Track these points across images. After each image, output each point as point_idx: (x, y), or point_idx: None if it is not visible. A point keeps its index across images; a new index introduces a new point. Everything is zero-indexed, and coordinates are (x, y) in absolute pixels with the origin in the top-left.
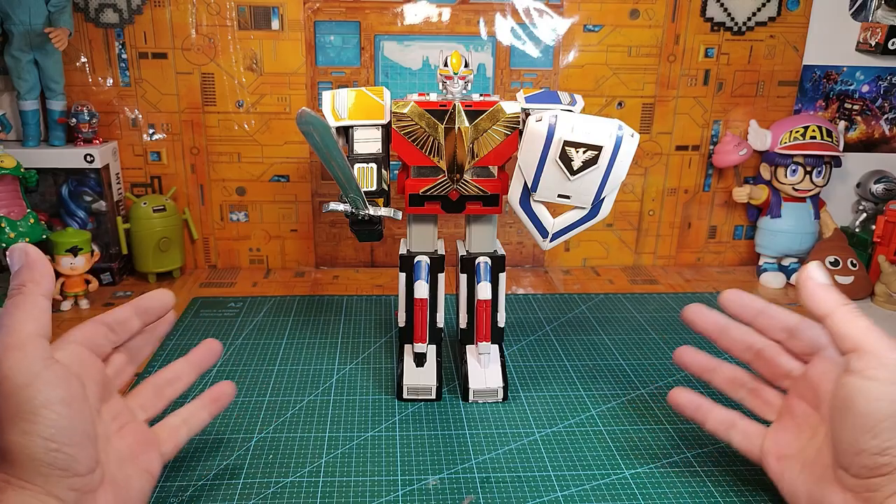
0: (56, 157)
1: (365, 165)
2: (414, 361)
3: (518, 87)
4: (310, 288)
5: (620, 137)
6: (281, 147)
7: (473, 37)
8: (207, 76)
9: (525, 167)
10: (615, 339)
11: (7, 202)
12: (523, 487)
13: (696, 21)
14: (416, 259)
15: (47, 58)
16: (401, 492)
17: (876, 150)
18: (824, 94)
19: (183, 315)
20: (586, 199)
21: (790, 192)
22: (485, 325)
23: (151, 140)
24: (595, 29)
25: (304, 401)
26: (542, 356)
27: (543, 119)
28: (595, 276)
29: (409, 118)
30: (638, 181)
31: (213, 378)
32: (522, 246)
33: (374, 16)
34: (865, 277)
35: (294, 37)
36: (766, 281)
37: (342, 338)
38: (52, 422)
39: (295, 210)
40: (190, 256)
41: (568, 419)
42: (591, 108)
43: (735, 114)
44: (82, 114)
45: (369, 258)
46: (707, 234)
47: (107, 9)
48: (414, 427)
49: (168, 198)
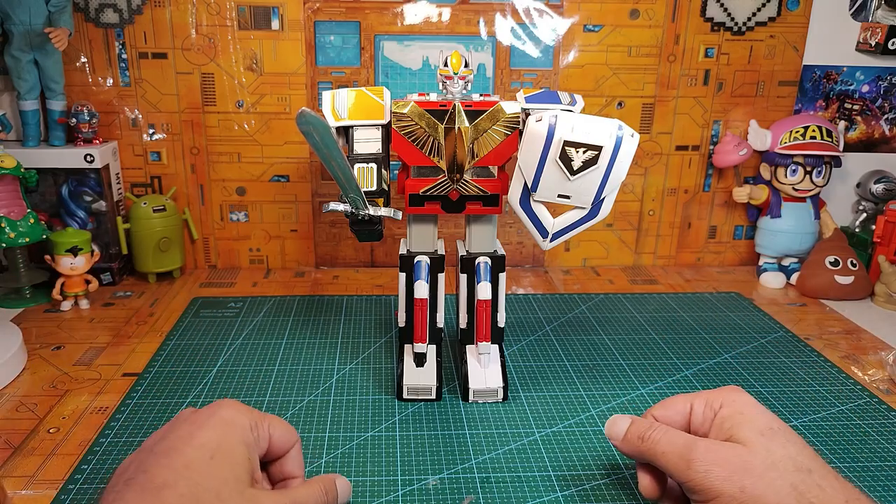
0: (56, 157)
1: (365, 165)
2: (414, 361)
3: (518, 87)
4: (310, 288)
5: (620, 137)
6: (281, 147)
7: (473, 37)
8: (207, 76)
9: (525, 167)
10: (615, 339)
11: (7, 202)
12: (523, 487)
13: (696, 21)
14: (416, 259)
15: (47, 58)
16: (401, 492)
17: (876, 150)
18: (824, 94)
19: (183, 315)
20: (586, 199)
21: (790, 192)
22: (485, 325)
23: (151, 140)
24: (595, 29)
25: (304, 401)
26: (542, 356)
27: (543, 119)
28: (595, 276)
29: (409, 118)
30: (638, 181)
31: (214, 378)
32: (522, 246)
33: (374, 16)
34: (865, 277)
35: (294, 37)
36: (766, 281)
37: (342, 338)
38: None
39: (295, 210)
40: (190, 256)
41: (568, 419)
42: (591, 108)
43: (735, 114)
44: (82, 114)
45: (369, 258)
46: (707, 234)
47: (107, 9)
48: (414, 427)
49: (168, 198)
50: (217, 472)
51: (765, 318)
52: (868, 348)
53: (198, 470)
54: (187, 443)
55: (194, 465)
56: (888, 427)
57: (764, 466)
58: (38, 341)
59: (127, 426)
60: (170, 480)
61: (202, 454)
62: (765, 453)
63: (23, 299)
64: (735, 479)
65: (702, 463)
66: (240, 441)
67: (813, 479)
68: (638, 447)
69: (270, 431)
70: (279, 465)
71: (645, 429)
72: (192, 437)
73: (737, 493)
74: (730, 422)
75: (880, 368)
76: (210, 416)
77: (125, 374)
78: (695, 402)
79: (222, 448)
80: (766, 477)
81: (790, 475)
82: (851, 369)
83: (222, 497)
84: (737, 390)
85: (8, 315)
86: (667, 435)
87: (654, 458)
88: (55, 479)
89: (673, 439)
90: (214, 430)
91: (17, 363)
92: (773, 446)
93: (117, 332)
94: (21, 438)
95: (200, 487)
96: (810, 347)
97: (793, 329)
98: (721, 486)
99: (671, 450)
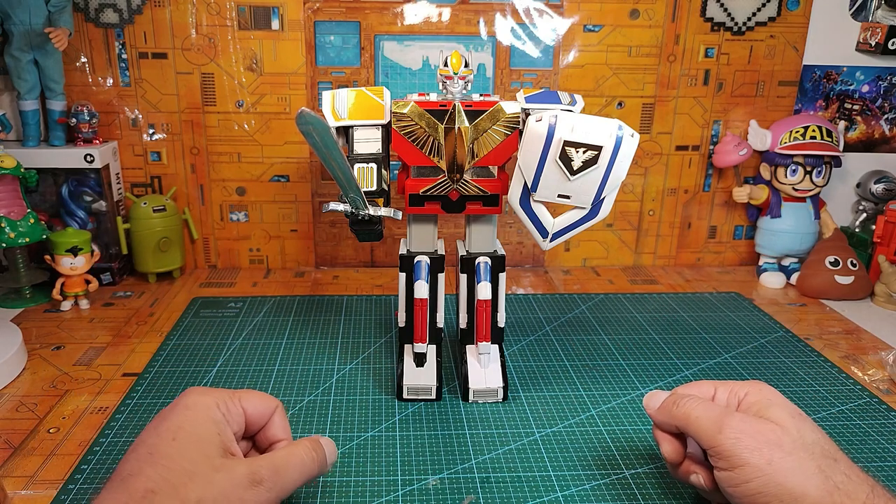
0: (56, 157)
1: (365, 165)
2: (414, 361)
3: (518, 87)
4: (310, 288)
5: (620, 137)
6: (281, 147)
7: (473, 37)
8: (207, 76)
9: (525, 167)
10: (615, 339)
11: (7, 202)
12: (523, 487)
13: (696, 21)
14: (416, 259)
15: (47, 58)
16: (401, 492)
17: (876, 150)
18: (824, 94)
19: (183, 315)
20: (586, 199)
21: (790, 192)
22: (485, 325)
23: (151, 140)
24: (595, 29)
25: (304, 401)
26: (542, 356)
27: (543, 119)
28: (595, 276)
29: (409, 118)
30: (638, 181)
31: (214, 378)
32: (522, 246)
33: (374, 16)
34: (865, 277)
35: (294, 37)
36: (766, 281)
37: (342, 338)
38: None
39: (295, 210)
40: (190, 256)
41: (568, 419)
42: (591, 108)
43: (735, 114)
44: (82, 114)
45: (369, 258)
46: (707, 234)
47: (107, 9)
48: (414, 427)
49: (168, 198)
50: (183, 452)
51: (765, 318)
52: (868, 348)
53: (162, 453)
54: (152, 433)
55: (157, 449)
56: (888, 427)
57: (794, 445)
58: (38, 341)
59: (127, 426)
60: (134, 469)
61: (164, 438)
62: (796, 433)
63: (23, 299)
64: (764, 452)
65: (733, 430)
66: (205, 419)
67: (839, 467)
68: (671, 412)
69: (244, 405)
70: (263, 433)
71: (680, 397)
72: (157, 427)
73: (764, 465)
74: (758, 405)
75: (880, 368)
76: (174, 406)
77: (125, 374)
78: (719, 389)
79: (184, 429)
80: (795, 455)
81: (818, 458)
82: (851, 369)
83: (192, 473)
84: (762, 384)
85: (8, 315)
86: (703, 403)
87: (687, 422)
88: (55, 479)
89: (709, 406)
90: (177, 415)
91: (17, 363)
92: (805, 429)
93: (117, 332)
94: (21, 438)
95: (167, 469)
96: (810, 347)
97: (793, 329)
98: (748, 456)
99: (705, 415)
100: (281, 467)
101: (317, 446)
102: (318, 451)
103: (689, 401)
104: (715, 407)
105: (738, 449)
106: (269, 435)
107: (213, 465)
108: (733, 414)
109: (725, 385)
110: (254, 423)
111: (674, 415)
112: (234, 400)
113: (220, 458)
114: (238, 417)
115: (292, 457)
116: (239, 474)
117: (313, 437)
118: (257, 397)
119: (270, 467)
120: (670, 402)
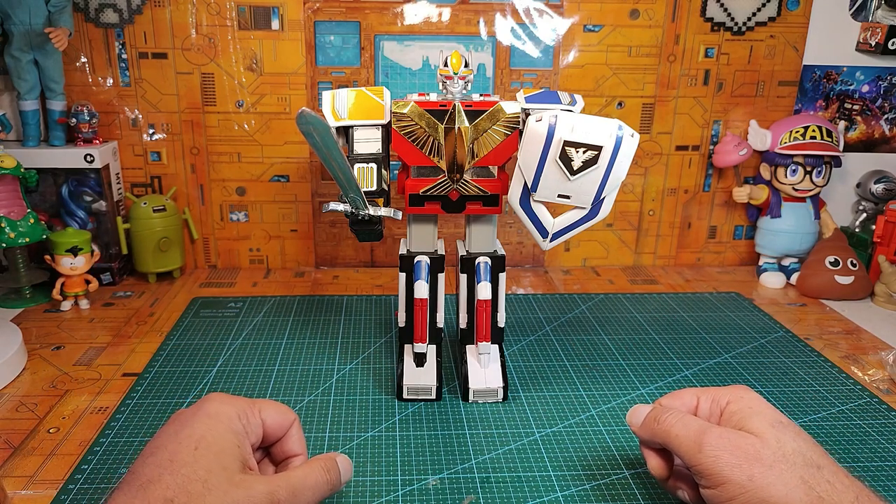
0: (56, 157)
1: (365, 165)
2: (414, 361)
3: (518, 87)
4: (310, 288)
5: (620, 137)
6: (281, 147)
7: (473, 37)
8: (207, 76)
9: (525, 167)
10: (615, 339)
11: (7, 202)
12: (523, 487)
13: (696, 21)
14: (416, 259)
15: (47, 58)
16: (401, 492)
17: (876, 150)
18: (824, 94)
19: (183, 315)
20: (586, 199)
21: (790, 192)
22: (485, 325)
23: (151, 140)
24: (595, 29)
25: (305, 401)
26: (542, 356)
27: (543, 119)
28: (595, 276)
29: (409, 118)
30: (638, 181)
31: (214, 378)
32: (522, 246)
33: (374, 16)
34: (865, 277)
35: (294, 37)
36: (766, 281)
37: (342, 338)
38: None
39: (295, 210)
40: (190, 256)
41: (568, 419)
42: (591, 108)
43: (735, 114)
44: (82, 114)
45: (369, 258)
46: (707, 234)
47: (107, 9)
48: (414, 427)
49: (168, 198)
50: (202, 462)
51: (765, 318)
52: (868, 348)
53: (182, 462)
54: (172, 439)
55: (178, 457)
56: (888, 427)
57: (774, 458)
58: (38, 341)
59: (127, 426)
60: (154, 476)
61: (186, 447)
62: (776, 444)
63: (23, 299)
64: (744, 468)
65: (712, 448)
66: (226, 430)
67: (823, 475)
68: (653, 429)
69: (263, 417)
70: (280, 445)
71: (661, 412)
72: (177, 434)
73: (745, 482)
74: (739, 415)
75: (880, 368)
76: (196, 412)
77: (125, 374)
78: (701, 397)
79: (206, 439)
80: (775, 468)
81: (800, 469)
82: (851, 369)
83: (210, 485)
84: (744, 388)
85: (8, 315)
86: (682, 419)
87: (668, 440)
88: (55, 479)
89: (687, 423)
90: (199, 423)
91: (17, 363)
92: (785, 438)
93: (117, 332)
94: (21, 438)
95: (186, 478)
96: (810, 347)
97: (793, 329)
98: (729, 474)
99: (684, 433)
100: (298, 489)
101: (332, 467)
102: (333, 472)
103: (668, 417)
104: (693, 423)
105: (719, 467)
106: (285, 448)
107: (231, 480)
108: (711, 430)
109: (707, 393)
110: (271, 436)
111: (655, 432)
112: (254, 411)
113: (240, 474)
114: (257, 429)
115: (308, 478)
116: (258, 493)
117: (329, 456)
118: (276, 410)
119: (288, 489)
120: (651, 419)
